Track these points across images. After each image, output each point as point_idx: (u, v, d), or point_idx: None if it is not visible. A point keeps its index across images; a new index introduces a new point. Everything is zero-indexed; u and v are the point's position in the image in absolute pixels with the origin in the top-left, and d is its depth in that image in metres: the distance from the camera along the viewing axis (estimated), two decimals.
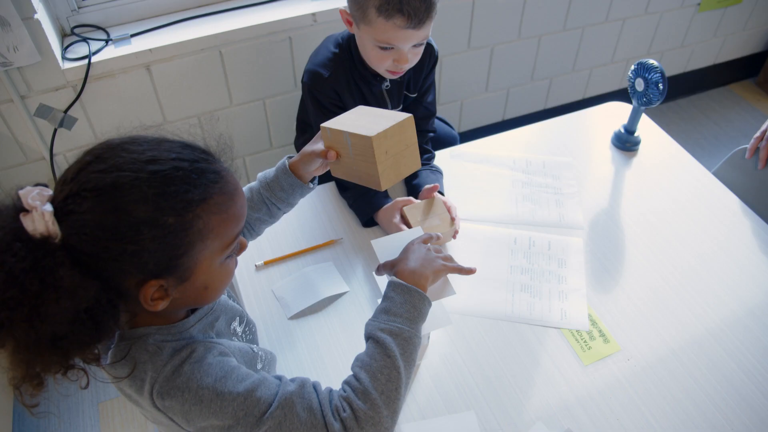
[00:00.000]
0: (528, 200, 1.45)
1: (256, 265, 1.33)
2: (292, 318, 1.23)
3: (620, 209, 1.42)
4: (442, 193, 1.42)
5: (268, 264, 1.33)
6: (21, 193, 0.65)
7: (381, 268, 1.00)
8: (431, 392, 1.10)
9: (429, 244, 1.00)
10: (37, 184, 0.68)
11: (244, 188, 1.11)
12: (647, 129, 1.62)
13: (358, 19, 1.28)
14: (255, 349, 0.93)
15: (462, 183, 1.49)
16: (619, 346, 1.16)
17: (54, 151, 1.83)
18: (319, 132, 1.07)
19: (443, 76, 2.29)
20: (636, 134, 1.56)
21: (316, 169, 1.08)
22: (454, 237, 1.32)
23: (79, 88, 1.73)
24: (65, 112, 1.76)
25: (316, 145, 1.07)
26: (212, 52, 1.86)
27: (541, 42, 2.36)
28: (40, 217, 0.64)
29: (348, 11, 1.31)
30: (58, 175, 1.83)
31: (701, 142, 2.78)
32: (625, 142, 1.56)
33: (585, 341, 1.17)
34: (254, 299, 1.27)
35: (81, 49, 1.73)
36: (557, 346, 1.16)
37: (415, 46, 1.30)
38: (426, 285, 0.93)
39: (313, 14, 1.88)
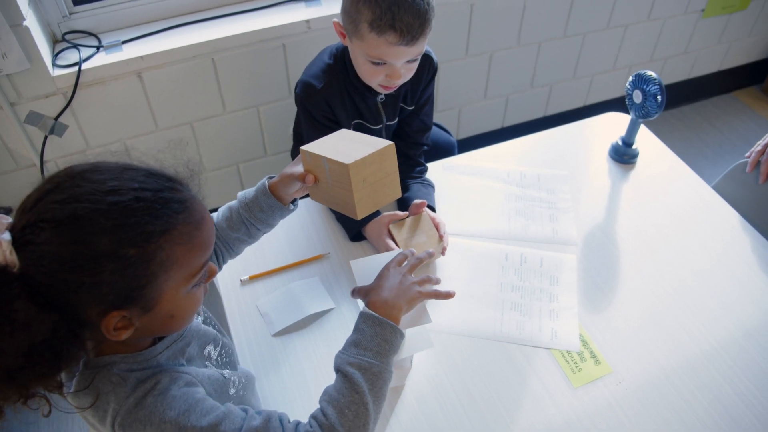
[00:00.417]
0: (521, 215, 1.41)
1: (241, 280, 1.30)
2: (276, 335, 1.20)
3: (616, 225, 1.39)
4: (433, 209, 1.39)
5: (253, 279, 1.30)
6: None
7: (355, 293, 0.97)
8: (415, 413, 1.07)
9: (405, 265, 0.98)
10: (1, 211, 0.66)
11: (224, 207, 1.09)
12: (646, 141, 1.59)
13: (350, 33, 1.25)
14: (227, 375, 0.91)
15: (454, 196, 1.46)
16: (611, 368, 1.12)
17: (45, 158, 1.81)
18: (300, 154, 1.04)
19: (441, 83, 2.26)
20: (634, 146, 1.52)
21: (296, 191, 1.05)
22: (442, 254, 1.29)
23: (69, 95, 1.71)
24: (56, 119, 1.74)
25: (295, 167, 1.04)
26: (205, 59, 1.83)
27: (541, 48, 2.32)
28: None
29: (341, 24, 1.29)
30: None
31: (704, 151, 2.74)
32: (623, 154, 1.52)
33: (575, 362, 1.13)
34: (238, 315, 1.24)
35: (72, 56, 1.71)
36: (546, 367, 1.13)
37: (409, 61, 1.26)
38: (399, 316, 0.91)
39: (307, 21, 1.85)
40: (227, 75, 1.90)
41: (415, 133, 1.50)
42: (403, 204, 1.40)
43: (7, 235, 0.63)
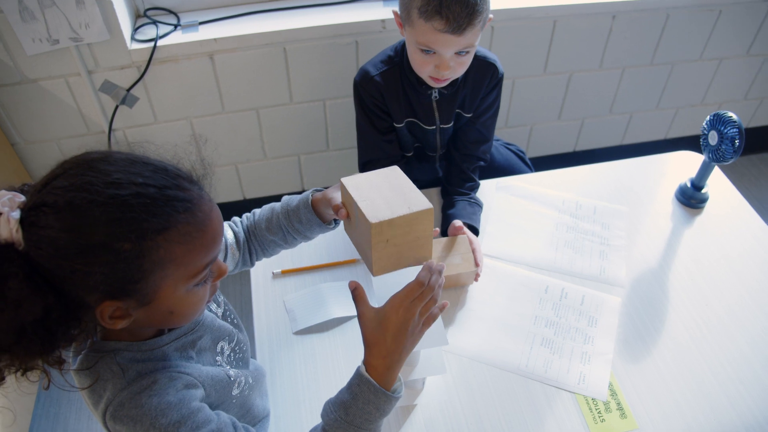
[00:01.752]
0: (569, 247, 1.34)
1: (273, 273, 1.30)
2: (297, 333, 1.19)
3: (670, 272, 1.29)
4: (476, 230, 1.34)
5: (285, 273, 1.30)
6: None
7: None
8: None
9: (416, 300, 0.86)
10: (12, 188, 0.67)
11: (267, 207, 1.07)
12: (719, 186, 1.47)
13: (404, 21, 1.26)
14: (233, 376, 0.90)
15: (503, 218, 1.41)
16: (637, 424, 1.05)
17: (113, 127, 1.88)
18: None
19: (514, 98, 2.19)
20: (704, 191, 1.41)
21: (333, 215, 1.02)
22: (475, 279, 1.25)
23: (143, 69, 1.77)
24: (128, 90, 1.80)
25: (335, 193, 0.99)
26: (277, 48, 1.85)
27: (625, 74, 2.21)
28: (6, 223, 0.63)
29: (399, 12, 1.29)
30: (113, 148, 1.89)
31: None
32: (690, 197, 1.42)
33: (600, 412, 1.06)
34: (264, 307, 1.24)
35: (150, 32, 1.76)
36: (568, 412, 1.06)
37: (458, 54, 1.24)
38: (398, 373, 0.87)
39: (383, 21, 1.84)
40: (297, 66, 1.91)
41: (471, 144, 1.45)
42: (446, 220, 1.36)
43: (16, 214, 0.64)
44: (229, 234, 1.04)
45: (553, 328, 1.19)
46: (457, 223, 1.29)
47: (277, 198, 1.05)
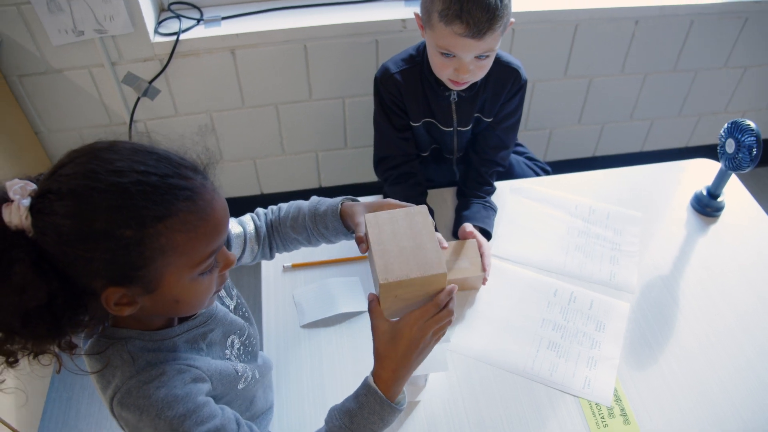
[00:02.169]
0: (580, 251, 1.34)
1: (283, 266, 1.31)
2: (304, 326, 1.21)
3: (681, 279, 1.28)
4: (489, 234, 1.35)
5: (295, 267, 1.31)
6: (7, 184, 0.66)
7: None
8: None
9: (432, 319, 0.86)
10: (28, 177, 0.69)
11: (294, 204, 1.07)
12: (736, 195, 1.45)
13: (425, 23, 1.26)
14: (240, 371, 0.91)
15: (515, 220, 1.40)
16: (640, 430, 1.04)
17: (134, 118, 1.91)
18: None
19: (534, 101, 2.18)
20: (720, 199, 1.40)
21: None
22: (483, 283, 1.25)
23: (165, 62, 1.80)
24: (150, 82, 1.83)
25: (360, 218, 0.98)
26: (297, 44, 1.87)
27: (646, 80, 2.18)
28: (16, 210, 0.65)
29: (420, 15, 1.29)
30: (134, 139, 1.92)
31: None
32: (706, 206, 1.40)
33: (603, 417, 1.06)
34: (273, 300, 1.26)
35: (173, 25, 1.79)
36: (571, 416, 1.06)
37: (478, 58, 1.24)
38: (403, 387, 0.89)
39: (403, 20, 1.84)
40: (317, 63, 1.93)
41: (491, 149, 1.45)
42: (459, 220, 1.37)
43: (26, 201, 0.65)
44: (249, 226, 1.05)
45: (560, 332, 1.19)
46: (468, 227, 1.29)
47: (294, 194, 1.06)
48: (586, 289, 1.26)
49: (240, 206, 1.18)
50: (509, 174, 1.60)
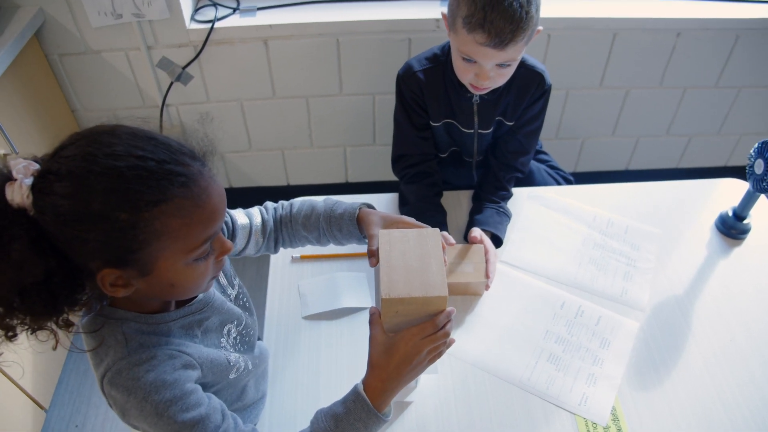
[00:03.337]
0: (594, 264, 1.30)
1: (292, 257, 1.32)
2: (306, 318, 1.21)
3: (697, 302, 1.24)
4: (500, 240, 1.33)
5: (304, 258, 1.32)
6: (11, 162, 0.68)
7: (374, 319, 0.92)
8: None
9: (429, 337, 0.87)
10: (34, 157, 0.71)
11: (308, 202, 1.09)
12: (763, 218, 1.39)
13: (450, 26, 1.25)
14: (232, 361, 0.92)
15: (529, 227, 1.38)
16: None
17: (167, 102, 1.95)
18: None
19: (567, 110, 2.14)
20: (746, 221, 1.34)
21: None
22: (486, 288, 1.23)
23: (199, 49, 1.83)
24: (183, 68, 1.87)
25: (375, 230, 1.00)
26: (330, 38, 1.87)
27: (686, 95, 2.12)
28: (18, 189, 0.66)
29: (447, 16, 1.28)
30: (166, 123, 1.96)
31: None
32: (731, 227, 1.35)
33: None
34: (279, 289, 1.27)
35: (209, 13, 1.82)
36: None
37: (499, 66, 1.22)
38: (392, 399, 0.90)
39: (437, 20, 1.83)
40: (349, 58, 1.93)
41: (510, 154, 1.43)
42: (470, 224, 1.35)
43: (29, 180, 0.67)
44: (256, 219, 1.07)
45: (562, 345, 1.16)
46: (476, 231, 1.28)
47: (321, 188, 1.07)
48: (595, 304, 1.23)
49: (267, 196, 1.20)
50: (529, 181, 1.57)
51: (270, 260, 1.32)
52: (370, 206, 1.08)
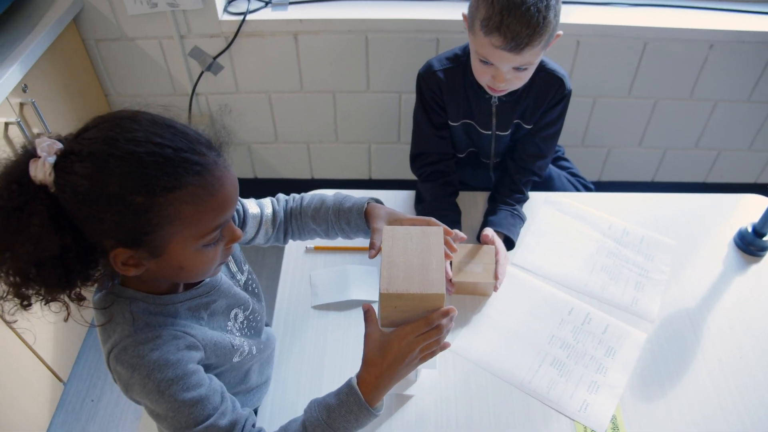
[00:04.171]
0: (606, 272, 1.30)
1: (306, 247, 1.34)
2: (315, 307, 1.23)
3: (708, 316, 1.22)
4: (513, 242, 1.33)
5: (317, 249, 1.34)
6: (37, 141, 0.71)
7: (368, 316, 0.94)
8: (410, 429, 1.04)
9: (422, 335, 0.89)
10: (58, 136, 0.74)
11: (318, 196, 1.12)
12: None
13: (469, 26, 1.26)
14: (236, 345, 0.94)
15: (544, 232, 1.38)
16: None
17: (196, 91, 2.00)
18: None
19: (594, 118, 2.12)
20: (766, 238, 1.32)
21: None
22: (495, 290, 1.24)
23: (230, 40, 1.87)
24: (214, 58, 1.91)
25: (380, 224, 1.02)
26: (359, 35, 1.89)
27: (717, 108, 2.08)
28: (42, 166, 0.70)
29: (467, 16, 1.29)
30: (194, 111, 2.01)
31: None
32: (750, 244, 1.33)
33: None
34: (291, 278, 1.29)
35: (242, 5, 1.86)
36: None
37: (516, 69, 1.22)
38: (385, 395, 0.92)
39: None
40: (377, 55, 1.95)
41: (528, 157, 1.43)
42: (483, 225, 1.36)
43: (52, 159, 0.70)
44: (267, 209, 1.10)
45: (567, 351, 1.16)
46: (489, 232, 1.28)
47: (344, 183, 1.09)
48: (604, 312, 1.22)
49: (291, 188, 1.23)
50: (549, 186, 1.57)
51: (284, 249, 1.35)
52: (378, 202, 1.10)
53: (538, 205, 1.45)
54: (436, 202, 1.39)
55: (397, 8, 1.87)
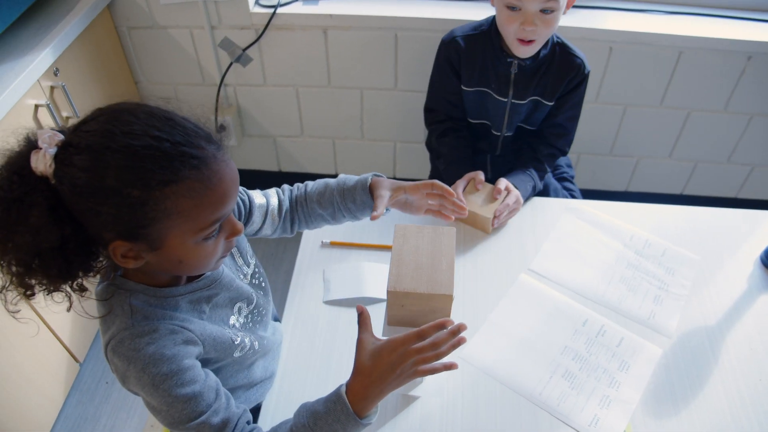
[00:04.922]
0: (624, 283, 1.27)
1: (322, 242, 1.34)
2: (326, 302, 1.23)
3: (728, 335, 1.19)
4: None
5: (333, 245, 1.34)
6: (39, 132, 0.72)
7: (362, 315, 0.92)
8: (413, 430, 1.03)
9: (416, 347, 0.86)
10: (62, 128, 0.74)
11: (321, 181, 1.12)
12: None
13: None
14: (237, 340, 0.94)
15: (562, 239, 1.36)
16: None
17: (225, 82, 2.01)
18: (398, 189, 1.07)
19: (624, 126, 2.08)
20: None
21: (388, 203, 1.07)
22: (492, 225, 1.31)
23: (260, 32, 1.88)
24: (244, 50, 1.92)
25: (384, 191, 1.05)
26: (388, 32, 1.89)
27: (752, 122, 2.03)
28: (42, 158, 0.70)
29: None
30: (222, 102, 2.02)
31: None
32: None
33: None
34: (305, 272, 1.29)
35: None
36: None
37: (543, 12, 1.28)
38: (375, 405, 0.88)
39: None
40: (406, 53, 1.94)
41: (552, 136, 1.52)
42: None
43: (52, 150, 0.71)
44: (273, 199, 1.10)
45: (579, 363, 1.14)
46: (502, 182, 1.35)
47: None
48: (619, 325, 1.20)
49: None
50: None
51: (300, 243, 1.35)
52: (381, 176, 1.11)
53: (559, 212, 1.42)
54: (455, 152, 1.50)
55: (428, 7, 1.86)
